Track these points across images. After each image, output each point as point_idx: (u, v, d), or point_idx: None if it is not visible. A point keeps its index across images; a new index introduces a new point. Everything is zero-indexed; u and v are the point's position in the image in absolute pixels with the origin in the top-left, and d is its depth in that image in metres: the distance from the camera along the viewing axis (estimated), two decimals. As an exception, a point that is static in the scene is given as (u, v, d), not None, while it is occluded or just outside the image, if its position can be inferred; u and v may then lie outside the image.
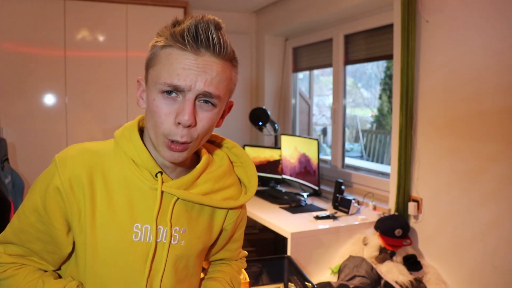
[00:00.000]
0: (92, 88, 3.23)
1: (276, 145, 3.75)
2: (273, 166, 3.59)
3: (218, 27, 0.83)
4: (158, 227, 0.88)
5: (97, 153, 0.88)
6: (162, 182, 0.87)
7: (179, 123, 0.80)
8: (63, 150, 0.89)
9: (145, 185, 0.87)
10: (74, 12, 3.13)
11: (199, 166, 0.91)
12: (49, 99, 3.14)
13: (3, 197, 1.97)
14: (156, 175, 0.88)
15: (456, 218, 2.13)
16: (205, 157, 0.94)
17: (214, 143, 1.02)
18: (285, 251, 2.34)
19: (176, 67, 0.79)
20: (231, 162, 1.01)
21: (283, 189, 3.37)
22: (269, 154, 3.62)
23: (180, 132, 0.81)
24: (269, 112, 3.54)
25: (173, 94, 0.80)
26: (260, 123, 3.56)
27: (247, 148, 3.75)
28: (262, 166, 3.67)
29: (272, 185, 3.55)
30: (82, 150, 0.88)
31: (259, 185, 3.58)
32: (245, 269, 1.64)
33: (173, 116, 0.80)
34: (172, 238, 0.89)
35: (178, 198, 0.89)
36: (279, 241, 3.64)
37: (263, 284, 1.75)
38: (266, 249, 3.52)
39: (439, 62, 2.20)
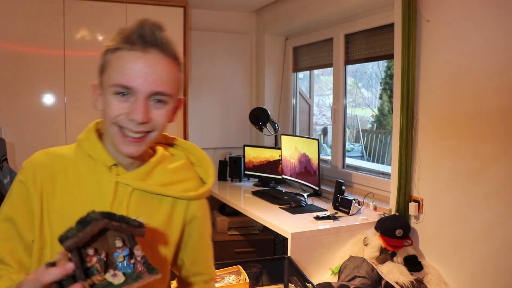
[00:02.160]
0: (91, 88, 3.22)
1: (276, 145, 3.74)
2: (273, 166, 3.58)
3: (162, 29, 0.87)
4: None
5: (58, 155, 0.93)
6: (117, 174, 0.91)
7: (132, 120, 0.84)
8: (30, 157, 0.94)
9: (101, 178, 0.91)
10: (73, 11, 3.12)
11: (153, 158, 0.95)
12: (48, 99, 3.13)
13: (2, 197, 1.96)
14: (111, 168, 0.91)
15: (457, 218, 2.12)
16: (160, 150, 0.98)
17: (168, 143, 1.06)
18: (285, 252, 2.33)
19: (126, 68, 0.83)
20: (192, 163, 1.05)
21: (283, 189, 3.36)
22: (269, 154, 3.61)
23: (134, 128, 0.85)
24: (269, 112, 3.54)
25: (126, 94, 0.84)
26: (260, 123, 3.55)
27: (247, 148, 3.74)
28: (262, 166, 3.66)
29: (272, 185, 3.54)
30: (45, 153, 0.94)
31: (259, 185, 3.57)
32: (245, 270, 1.63)
33: (126, 114, 0.85)
34: None
35: (134, 189, 0.92)
36: (279, 242, 3.63)
37: (263, 285, 1.74)
38: (266, 249, 3.51)
39: (440, 62, 2.19)
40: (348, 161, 3.47)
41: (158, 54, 0.85)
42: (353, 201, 2.63)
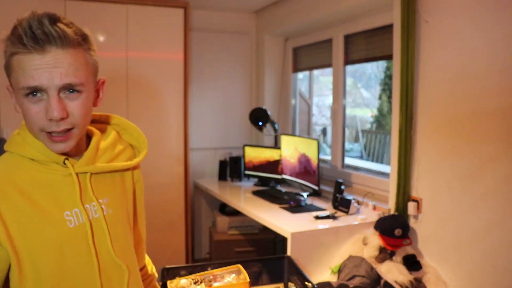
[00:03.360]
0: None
1: (276, 145, 3.75)
2: (273, 166, 3.59)
3: (52, 20, 0.82)
4: (85, 206, 0.93)
5: None
6: (72, 165, 0.92)
7: (51, 119, 0.83)
8: None
9: (57, 175, 0.92)
10: (74, 12, 3.13)
11: (93, 141, 0.98)
12: (49, 99, 3.14)
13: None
14: (64, 163, 0.92)
15: (456, 218, 2.13)
16: (96, 132, 1.01)
17: (98, 122, 1.09)
18: (285, 251, 2.34)
19: (29, 70, 0.82)
20: (117, 132, 1.09)
21: (283, 189, 3.37)
22: (269, 154, 3.62)
23: (55, 125, 0.85)
24: (269, 112, 3.55)
25: (38, 94, 0.84)
26: (260, 123, 3.56)
27: (247, 148, 3.75)
28: (262, 166, 3.67)
29: (272, 185, 3.55)
30: None
31: (259, 185, 3.59)
32: (245, 269, 1.65)
33: (43, 113, 0.84)
34: (104, 210, 0.96)
35: (91, 174, 0.96)
36: (279, 241, 3.64)
37: (263, 284, 1.75)
38: (266, 249, 3.52)
39: (439, 62, 2.20)
40: (348, 161, 3.48)
41: (57, 50, 0.82)
42: (353, 200, 2.64)
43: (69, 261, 0.89)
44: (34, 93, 0.84)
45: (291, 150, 3.32)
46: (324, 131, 5.13)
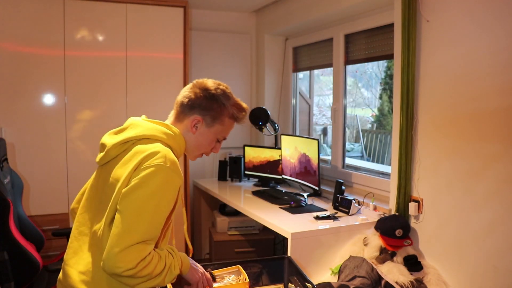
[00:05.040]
0: (91, 88, 3.22)
1: (276, 145, 3.74)
2: (273, 166, 3.58)
3: None
4: None
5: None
6: None
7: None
8: None
9: None
10: (73, 11, 3.12)
11: None
12: (48, 99, 3.13)
13: (2, 197, 1.96)
14: None
15: (457, 218, 2.12)
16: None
17: None
18: (285, 252, 2.33)
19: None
20: None
21: (283, 189, 3.36)
22: (269, 154, 3.61)
23: None
24: (269, 112, 3.54)
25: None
26: (260, 123, 3.55)
27: (247, 148, 3.74)
28: (262, 166, 3.66)
29: (272, 185, 3.54)
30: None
31: (259, 185, 3.57)
32: (245, 270, 1.64)
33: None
34: None
35: None
36: (279, 242, 3.63)
37: (263, 285, 1.74)
38: (266, 249, 3.51)
39: (439, 62, 2.19)
40: (348, 161, 3.47)
41: None
42: (353, 201, 2.63)
43: None
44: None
45: (291, 150, 3.31)
46: (324, 131, 5.12)
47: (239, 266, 1.66)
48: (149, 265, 1.20)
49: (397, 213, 2.39)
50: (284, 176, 3.44)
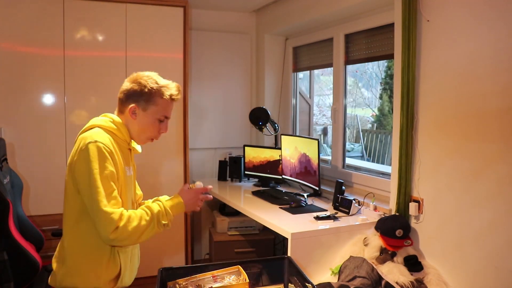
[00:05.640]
0: (91, 87, 3.22)
1: (276, 145, 3.74)
2: (273, 166, 3.58)
3: None
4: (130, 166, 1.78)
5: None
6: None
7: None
8: None
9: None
10: (73, 11, 3.12)
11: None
12: (48, 99, 3.12)
13: (1, 197, 1.96)
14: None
15: (457, 218, 2.12)
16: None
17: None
18: (285, 252, 2.32)
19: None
20: None
21: (283, 189, 3.36)
22: (269, 154, 3.61)
23: None
24: (269, 112, 3.53)
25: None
26: (260, 123, 3.55)
27: (247, 148, 3.74)
28: (262, 166, 3.66)
29: (272, 185, 3.54)
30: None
31: (259, 185, 3.57)
32: (245, 270, 1.63)
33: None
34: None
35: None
36: (279, 242, 3.62)
37: (263, 285, 1.74)
38: (266, 249, 3.51)
39: (440, 62, 2.19)
40: (348, 161, 3.46)
41: None
42: (353, 201, 2.63)
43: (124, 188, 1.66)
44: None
45: (291, 150, 3.30)
46: (324, 131, 5.12)
47: (239, 266, 1.66)
48: (130, 220, 1.53)
49: (397, 213, 2.38)
50: (284, 176, 3.44)
